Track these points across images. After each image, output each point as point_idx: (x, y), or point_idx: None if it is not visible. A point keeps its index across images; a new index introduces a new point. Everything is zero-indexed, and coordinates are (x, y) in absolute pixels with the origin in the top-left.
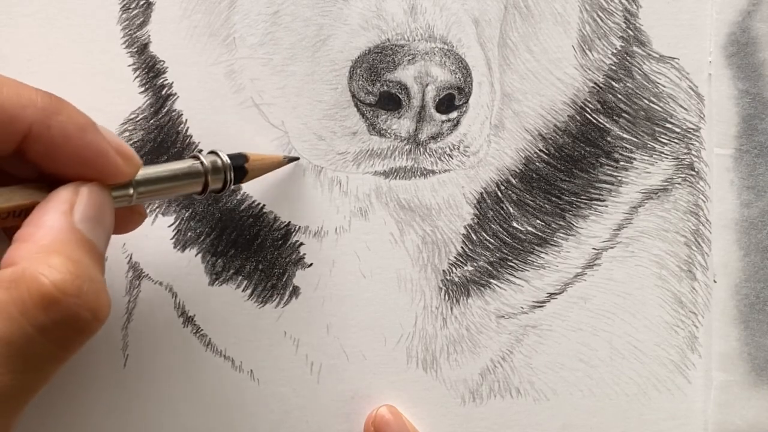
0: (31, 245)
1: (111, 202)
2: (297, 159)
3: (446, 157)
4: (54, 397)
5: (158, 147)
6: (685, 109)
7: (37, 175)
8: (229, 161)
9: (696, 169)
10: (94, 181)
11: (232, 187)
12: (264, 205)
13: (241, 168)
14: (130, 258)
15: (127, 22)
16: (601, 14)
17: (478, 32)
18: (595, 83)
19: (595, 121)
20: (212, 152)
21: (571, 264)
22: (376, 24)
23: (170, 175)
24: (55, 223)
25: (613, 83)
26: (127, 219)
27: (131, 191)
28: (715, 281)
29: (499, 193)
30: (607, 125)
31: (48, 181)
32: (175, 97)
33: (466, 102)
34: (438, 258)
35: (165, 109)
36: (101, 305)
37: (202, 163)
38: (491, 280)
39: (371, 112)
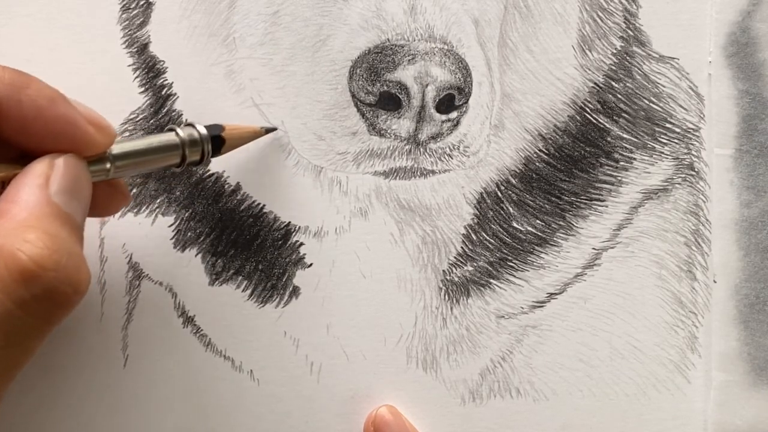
0: (7, 221)
1: (87, 173)
2: (275, 129)
3: (446, 157)
4: (54, 397)
5: None
6: (685, 109)
7: (15, 156)
8: (206, 133)
9: (696, 169)
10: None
11: (211, 159)
12: (264, 205)
13: (217, 138)
14: (130, 258)
15: (127, 22)
16: (601, 14)
17: (478, 32)
18: (595, 83)
19: (595, 121)
20: (189, 124)
21: (571, 264)
22: (376, 24)
23: (147, 149)
24: (31, 197)
25: (613, 83)
26: (108, 198)
27: (108, 165)
28: (715, 281)
29: (499, 193)
30: (607, 125)
31: (24, 162)
32: (175, 97)
33: (466, 102)
34: (438, 258)
35: (165, 109)
36: (81, 278)
37: (178, 135)
38: (491, 280)
39: (371, 112)
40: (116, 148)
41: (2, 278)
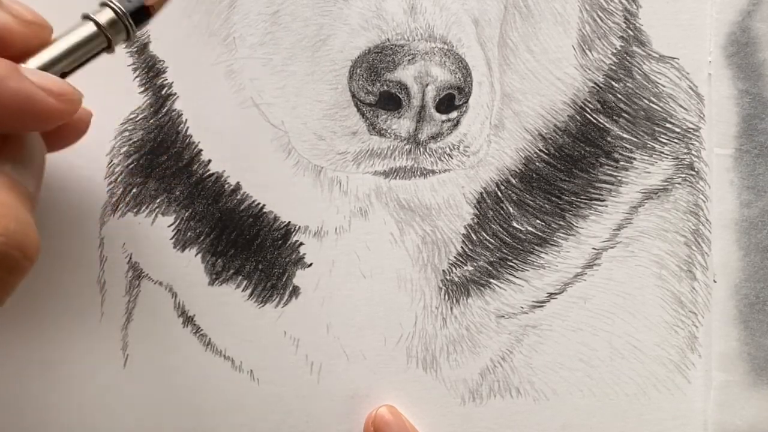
0: None
1: (40, 141)
2: None
3: (446, 157)
4: (54, 397)
5: (158, 147)
6: (685, 109)
7: None
8: (124, 10)
9: (696, 169)
10: (35, 131)
11: (140, 28)
12: (264, 205)
13: (140, 9)
14: (130, 258)
15: None
16: (601, 14)
17: (478, 32)
18: (595, 83)
19: (595, 121)
20: (104, 3)
21: (571, 264)
22: (376, 24)
23: (70, 49)
24: None
25: (613, 83)
26: (65, 131)
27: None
28: (715, 281)
29: (499, 193)
30: (607, 125)
31: None
32: (175, 97)
33: (466, 102)
34: (438, 258)
35: (165, 109)
36: (30, 243)
37: (97, 23)
38: (491, 280)
39: (371, 112)
40: (35, 62)
41: None
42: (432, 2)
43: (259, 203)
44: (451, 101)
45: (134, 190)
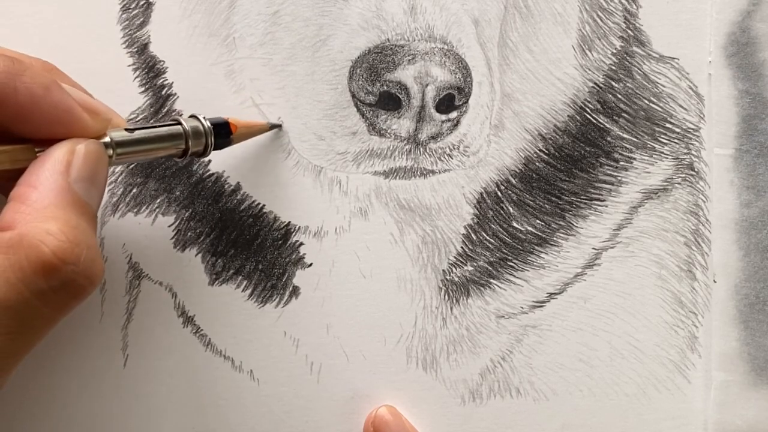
0: (27, 208)
1: (106, 159)
2: (280, 126)
3: (446, 157)
4: (54, 397)
5: None
6: (685, 109)
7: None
8: (210, 126)
9: (696, 169)
10: (64, 139)
11: (213, 151)
12: (264, 205)
13: (222, 131)
14: (130, 258)
15: (127, 22)
16: (600, 14)
17: (478, 32)
18: (595, 83)
19: (595, 121)
20: (193, 116)
21: (571, 264)
22: (376, 24)
23: (150, 137)
24: (52, 184)
25: (613, 83)
26: None
27: (110, 152)
28: (715, 281)
29: (499, 193)
30: (607, 125)
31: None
32: (175, 97)
33: (466, 102)
34: (438, 258)
35: (165, 109)
36: (96, 271)
37: (183, 126)
38: (491, 280)
39: (371, 112)
40: (118, 137)
41: (23, 269)
42: (432, 2)
43: (259, 203)
44: (451, 101)
45: (134, 190)
